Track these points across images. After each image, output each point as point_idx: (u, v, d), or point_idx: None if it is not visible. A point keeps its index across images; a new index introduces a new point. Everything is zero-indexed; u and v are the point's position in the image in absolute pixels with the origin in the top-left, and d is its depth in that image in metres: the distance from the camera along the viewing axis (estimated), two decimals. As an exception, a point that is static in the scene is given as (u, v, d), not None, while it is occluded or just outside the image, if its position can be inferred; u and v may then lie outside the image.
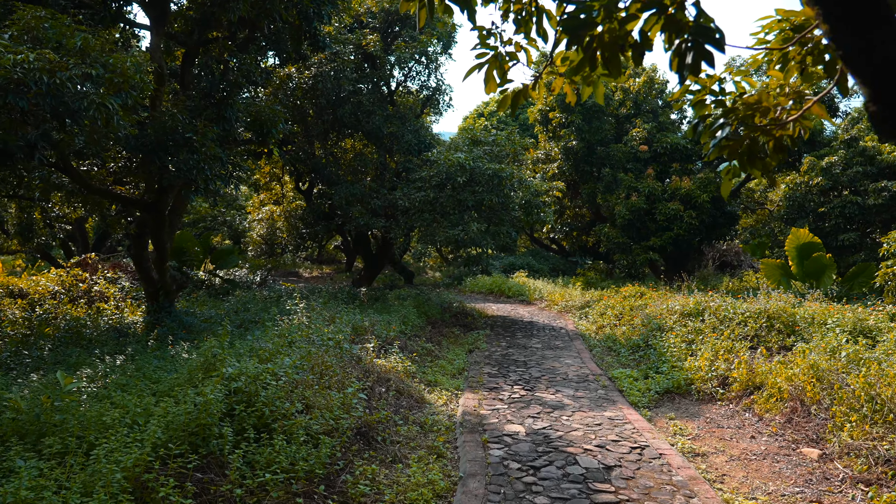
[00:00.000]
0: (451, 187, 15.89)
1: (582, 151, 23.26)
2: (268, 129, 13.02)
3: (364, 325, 11.19)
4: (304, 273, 42.45)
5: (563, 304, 21.77)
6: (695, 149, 22.68)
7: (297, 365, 6.60)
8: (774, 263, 17.25)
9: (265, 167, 28.51)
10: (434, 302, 18.82)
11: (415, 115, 19.75)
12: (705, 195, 20.55)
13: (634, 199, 21.21)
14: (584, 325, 17.18)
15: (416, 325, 13.97)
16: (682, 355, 10.72)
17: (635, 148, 22.75)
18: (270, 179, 30.50)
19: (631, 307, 15.68)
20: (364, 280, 23.88)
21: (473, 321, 17.25)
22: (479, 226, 15.04)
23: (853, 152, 18.34)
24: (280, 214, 32.87)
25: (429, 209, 16.02)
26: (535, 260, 36.21)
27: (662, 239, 21.01)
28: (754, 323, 11.14)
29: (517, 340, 14.55)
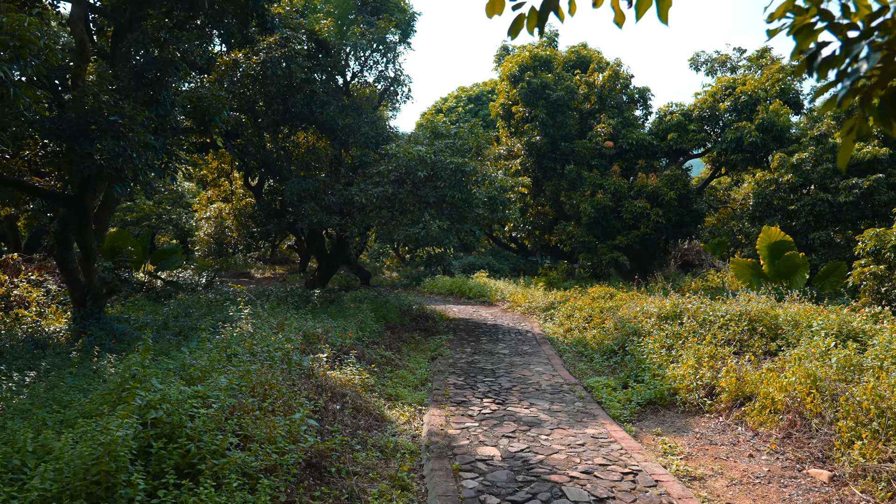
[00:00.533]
0: (411, 182, 14.97)
1: (546, 147, 22.58)
2: (210, 116, 11.91)
3: (317, 333, 10.17)
4: (255, 274, 40.95)
5: (526, 306, 21.06)
6: (660, 145, 22.23)
7: (234, 385, 5.59)
8: (745, 263, 16.82)
9: (212, 162, 27.11)
10: (393, 304, 17.86)
11: (372, 106, 18.74)
12: (672, 192, 20.07)
13: (600, 197, 20.62)
14: (550, 327, 16.46)
15: (374, 330, 13.00)
16: (662, 362, 10.01)
17: (600, 144, 22.18)
18: (219, 175, 29.07)
19: (601, 309, 15.00)
20: (318, 281, 22.78)
21: (435, 325, 16.35)
22: (441, 223, 14.15)
23: (823, 149, 18.07)
24: (229, 212, 31.42)
25: (387, 206, 15.06)
26: (496, 260, 35.53)
27: (629, 238, 20.46)
28: (736, 326, 10.53)
29: (482, 346, 13.70)
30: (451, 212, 15.54)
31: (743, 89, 20.43)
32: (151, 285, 19.18)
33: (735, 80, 21.31)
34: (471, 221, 15.72)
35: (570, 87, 21.68)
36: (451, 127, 16.44)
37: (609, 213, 20.84)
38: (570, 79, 22.27)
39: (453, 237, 14.51)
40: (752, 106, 20.18)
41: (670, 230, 20.82)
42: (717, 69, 23.57)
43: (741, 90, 20.44)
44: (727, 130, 20.04)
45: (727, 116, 20.74)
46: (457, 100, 45.27)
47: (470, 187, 14.89)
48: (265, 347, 7.83)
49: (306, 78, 16.07)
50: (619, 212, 20.85)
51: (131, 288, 18.08)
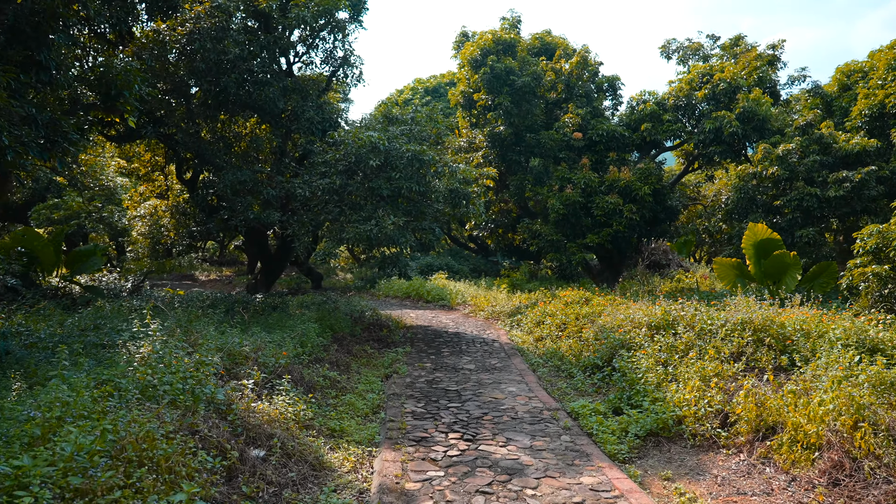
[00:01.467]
0: (362, 173, 13.25)
1: (510, 138, 21.07)
2: (118, 90, 9.99)
3: (244, 352, 8.37)
4: (200, 276, 38.59)
5: (489, 310, 19.55)
6: (632, 137, 20.94)
7: (91, 449, 3.80)
8: (729, 263, 15.57)
9: (145, 154, 24.85)
10: (342, 311, 16.09)
11: (319, 90, 16.91)
12: (646, 187, 18.78)
13: (569, 192, 19.19)
14: (519, 336, 14.95)
15: (318, 344, 11.23)
16: (660, 381, 8.52)
17: (568, 135, 20.78)
18: (153, 169, 26.76)
19: (577, 315, 13.51)
20: (261, 285, 20.83)
21: (390, 334, 14.66)
22: (397, 220, 12.46)
23: (809, 139, 16.97)
24: (166, 210, 29.06)
25: (334, 200, 13.31)
26: (455, 260, 34.00)
27: (600, 236, 19.10)
28: (739, 338, 9.13)
29: (444, 359, 12.06)
30: (407, 207, 13.87)
31: (721, 76, 19.25)
32: (67, 291, 17.00)
33: (712, 68, 20.14)
34: (430, 218, 14.07)
35: (536, 73, 20.21)
36: (408, 111, 14.74)
37: (579, 210, 19.46)
38: (537, 64, 20.80)
39: (410, 235, 12.84)
40: (732, 94, 19.02)
41: (644, 228, 19.54)
42: (689, 57, 22.41)
43: (719, 77, 19.27)
44: (705, 120, 18.83)
45: (704, 106, 19.54)
46: (413, 92, 43.56)
47: (429, 179, 13.24)
48: (166, 377, 6.03)
49: (241, 54, 14.17)
50: (590, 208, 19.48)
51: (41, 294, 15.89)
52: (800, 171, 16.54)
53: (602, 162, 20.81)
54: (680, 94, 20.00)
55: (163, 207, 28.85)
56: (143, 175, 26.71)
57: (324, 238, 13.29)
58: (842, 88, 20.14)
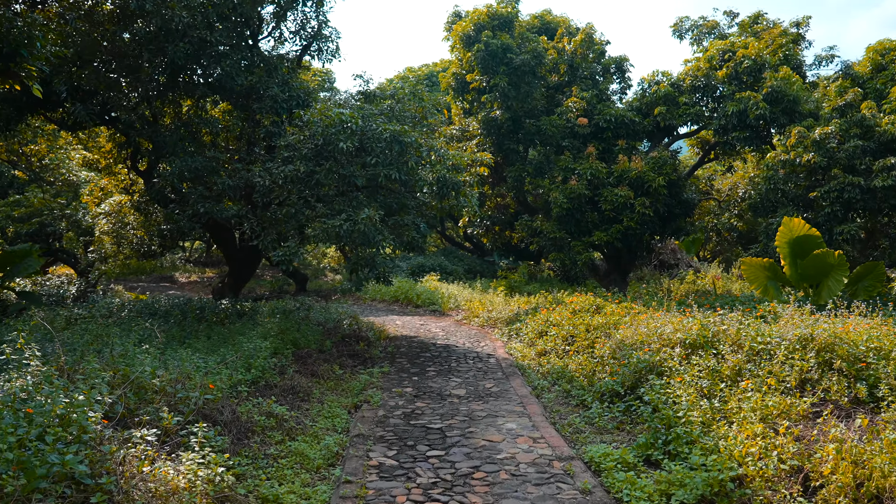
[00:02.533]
0: (332, 158, 11.27)
1: (507, 125, 19.10)
2: (12, 48, 8.03)
3: (156, 384, 6.37)
4: (180, 278, 36.61)
5: (485, 316, 17.62)
6: (643, 123, 19.00)
7: None
8: (759, 263, 13.64)
9: (106, 144, 22.80)
10: (315, 320, 14.13)
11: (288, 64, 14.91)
12: (661, 178, 16.85)
13: (574, 184, 17.25)
14: (518, 348, 13.02)
15: (271, 366, 9.22)
16: (705, 421, 6.57)
17: (572, 121, 18.84)
18: (115, 161, 24.69)
19: (587, 326, 11.55)
20: (228, 289, 18.87)
21: (368, 348, 12.71)
22: (372, 213, 10.48)
23: (849, 122, 15.04)
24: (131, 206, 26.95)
25: (299, 190, 11.33)
26: (449, 260, 32.02)
27: (609, 233, 17.16)
28: (800, 360, 7.20)
29: (429, 382, 10.10)
30: (387, 198, 11.91)
31: (745, 53, 17.29)
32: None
33: (734, 45, 18.16)
34: (413, 211, 12.12)
35: (536, 51, 18.24)
36: (388, 87, 12.76)
37: (584, 204, 17.52)
38: (536, 41, 18.82)
39: (388, 233, 10.85)
40: (757, 73, 17.09)
41: (657, 224, 17.60)
42: (704, 36, 20.48)
43: (743, 54, 17.30)
44: (727, 103, 16.89)
45: (725, 87, 17.58)
46: (403, 80, 41.46)
47: (412, 165, 11.27)
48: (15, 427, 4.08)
49: (192, 22, 12.16)
50: (597, 202, 17.54)
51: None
52: (839, 158, 14.60)
53: (610, 151, 18.87)
54: (698, 74, 18.04)
55: (127, 203, 26.79)
56: (105, 168, 24.64)
57: (289, 236, 11.28)
58: (875, 68, 18.25)
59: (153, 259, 40.46)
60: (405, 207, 11.71)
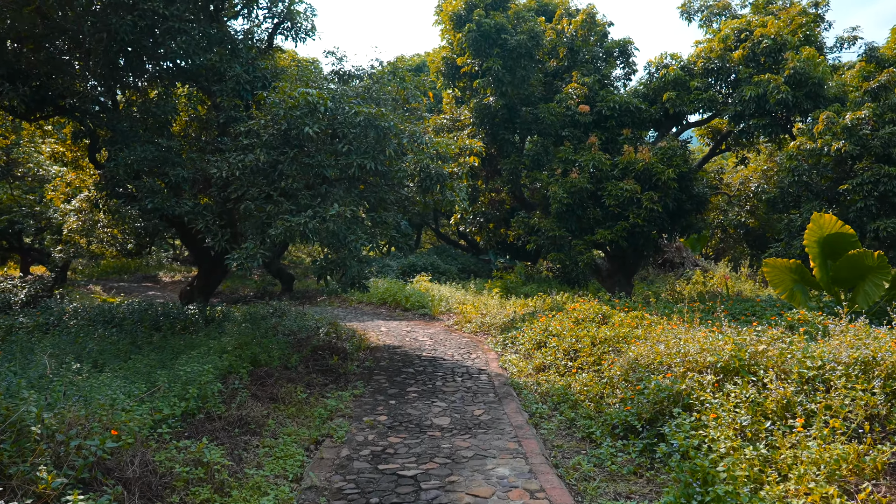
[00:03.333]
0: (297, 145, 9.83)
1: (502, 112, 17.65)
2: None
3: (35, 431, 4.91)
4: (164, 278, 35.08)
5: (478, 321, 16.25)
6: (650, 110, 17.56)
7: None
8: (784, 265, 12.24)
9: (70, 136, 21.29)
10: (286, 329, 12.74)
11: (258, 44, 13.44)
12: (670, 170, 15.43)
13: (575, 177, 15.82)
14: (513, 361, 11.65)
15: (214, 393, 7.75)
16: (751, 474, 5.16)
17: (572, 109, 17.40)
18: (81, 155, 23.18)
19: (593, 339, 10.15)
20: (198, 292, 17.40)
21: (344, 362, 11.30)
22: (342, 209, 9.05)
23: (883, 106, 13.64)
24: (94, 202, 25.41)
25: (260, 183, 9.89)
26: (442, 259, 30.61)
27: (613, 231, 15.74)
28: (862, 390, 5.83)
29: (408, 408, 8.68)
30: (364, 192, 10.47)
31: (764, 32, 15.86)
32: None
33: (750, 24, 16.73)
34: (394, 207, 10.68)
35: (533, 32, 16.77)
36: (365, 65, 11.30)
37: (586, 199, 16.10)
38: (533, 20, 17.36)
39: (362, 231, 9.41)
40: (777, 54, 15.67)
41: (666, 220, 16.18)
42: (714, 18, 19.04)
43: (761, 33, 15.87)
44: (744, 87, 15.45)
45: (742, 69, 16.14)
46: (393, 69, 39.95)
47: (390, 153, 9.82)
48: None
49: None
50: (600, 197, 16.13)
51: None
52: (873, 147, 13.19)
53: (613, 141, 17.45)
54: (711, 56, 16.61)
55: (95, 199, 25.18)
56: (71, 161, 23.14)
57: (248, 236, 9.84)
58: (903, 51, 16.85)
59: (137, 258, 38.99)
60: (383, 203, 10.29)
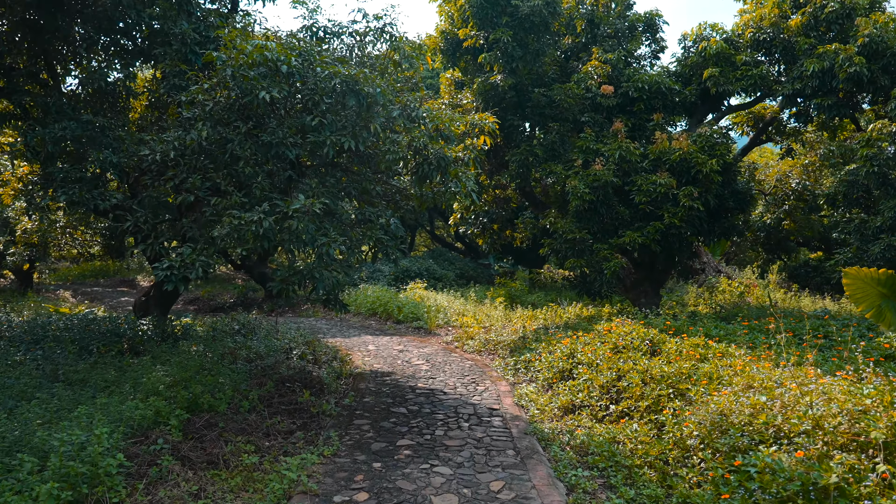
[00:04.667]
0: (253, 118, 7.53)
1: (510, 95, 15.34)
2: None
3: None
4: (142, 281, 32.74)
5: (481, 338, 14.08)
6: (684, 92, 15.28)
7: None
8: (871, 276, 9.98)
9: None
10: (250, 352, 10.46)
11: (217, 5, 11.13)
12: (713, 161, 13.16)
13: (599, 169, 13.54)
14: (530, 395, 9.45)
15: (113, 472, 5.38)
16: None
17: (593, 90, 15.14)
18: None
19: (643, 375, 7.85)
20: (154, 303, 15.02)
21: (318, 397, 9.05)
22: (312, 202, 6.73)
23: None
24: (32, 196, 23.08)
25: (202, 167, 7.59)
26: (438, 264, 28.34)
27: (644, 233, 13.47)
28: None
29: (398, 477, 6.39)
30: (341, 182, 8.17)
31: (828, -6, 13.62)
32: None
33: (810, -15, 14.44)
34: (383, 201, 8.38)
35: (548, -4, 14.43)
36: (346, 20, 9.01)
37: (611, 195, 13.82)
38: (549, -15, 15.05)
39: (336, 231, 7.09)
40: (845, 20, 13.43)
41: (705, 221, 13.91)
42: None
43: (825, -4, 13.63)
44: (805, 60, 13.21)
45: (800, 39, 13.88)
46: (388, 60, 37.59)
47: (376, 130, 7.51)
48: None
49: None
50: (628, 193, 13.86)
51: None
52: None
53: (641, 128, 15.17)
54: (763, 24, 14.34)
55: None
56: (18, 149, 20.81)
57: (189, 237, 7.52)
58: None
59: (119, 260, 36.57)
60: (367, 195, 7.99)
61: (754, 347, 9.57)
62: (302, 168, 7.88)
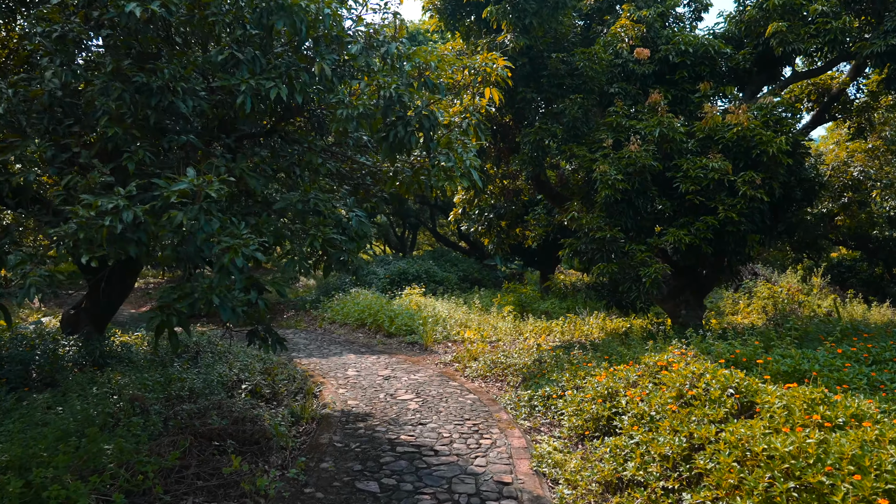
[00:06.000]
0: (113, 47, 4.85)
1: (522, 63, 12.58)
2: None
3: None
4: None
5: (487, 360, 11.53)
6: (737, 56, 12.53)
7: None
8: None
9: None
10: (182, 388, 7.90)
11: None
12: (782, 139, 10.40)
13: (635, 151, 10.80)
14: (555, 455, 6.86)
15: None
16: None
17: (624, 55, 12.42)
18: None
19: (738, 451, 5.12)
20: (86, 316, 12.28)
21: (258, 459, 6.42)
22: (203, 181, 4.04)
23: None
24: None
25: (43, 126, 4.91)
26: (439, 265, 25.69)
27: (692, 230, 10.71)
28: None
29: None
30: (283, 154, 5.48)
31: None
32: None
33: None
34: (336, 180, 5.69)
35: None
36: None
37: (649, 184, 11.10)
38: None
39: (244, 226, 4.39)
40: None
41: (767, 216, 11.17)
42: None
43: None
44: (902, 8, 10.51)
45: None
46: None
47: (323, 70, 4.81)
48: None
49: None
50: (669, 180, 11.14)
51: None
52: None
53: (684, 100, 12.43)
54: (842, -35, 11.59)
55: None
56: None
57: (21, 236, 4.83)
58: None
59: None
60: (310, 169, 5.30)
61: (874, 389, 6.87)
62: (213, 132, 5.23)
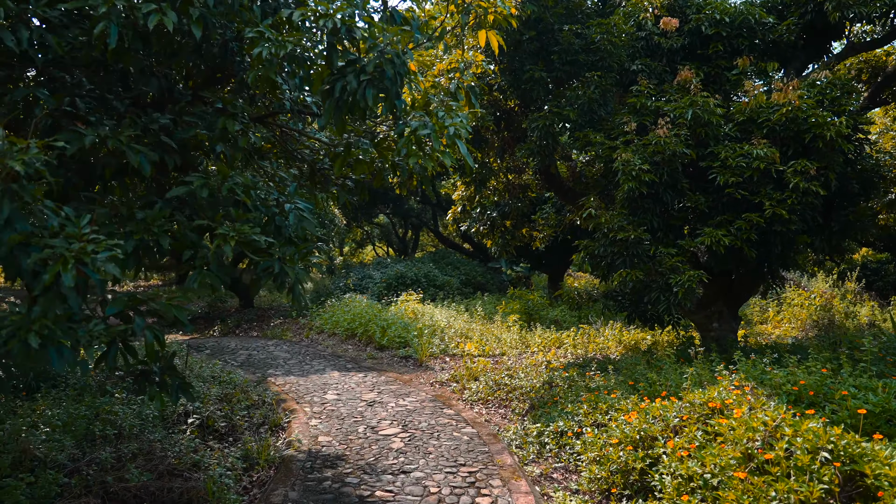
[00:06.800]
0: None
1: (530, 36, 10.88)
2: None
3: None
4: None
5: (489, 381, 9.87)
6: (780, 28, 10.81)
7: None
8: None
9: None
10: (104, 427, 6.24)
11: None
12: (842, 121, 8.70)
13: (664, 136, 9.10)
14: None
15: None
16: None
17: (648, 25, 10.75)
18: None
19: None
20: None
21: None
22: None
23: None
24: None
25: None
26: (439, 268, 23.97)
27: (733, 230, 9.01)
28: None
29: None
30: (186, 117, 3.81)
31: None
32: None
33: None
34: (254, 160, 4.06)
35: None
36: None
37: (679, 175, 9.42)
38: None
39: (90, 230, 2.73)
40: None
41: (821, 211, 9.47)
42: None
43: None
44: None
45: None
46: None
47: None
48: None
49: None
50: (704, 171, 9.45)
51: None
52: None
53: (718, 79, 10.73)
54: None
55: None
56: None
57: None
58: None
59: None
60: (226, 141, 3.65)
61: None
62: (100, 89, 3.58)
